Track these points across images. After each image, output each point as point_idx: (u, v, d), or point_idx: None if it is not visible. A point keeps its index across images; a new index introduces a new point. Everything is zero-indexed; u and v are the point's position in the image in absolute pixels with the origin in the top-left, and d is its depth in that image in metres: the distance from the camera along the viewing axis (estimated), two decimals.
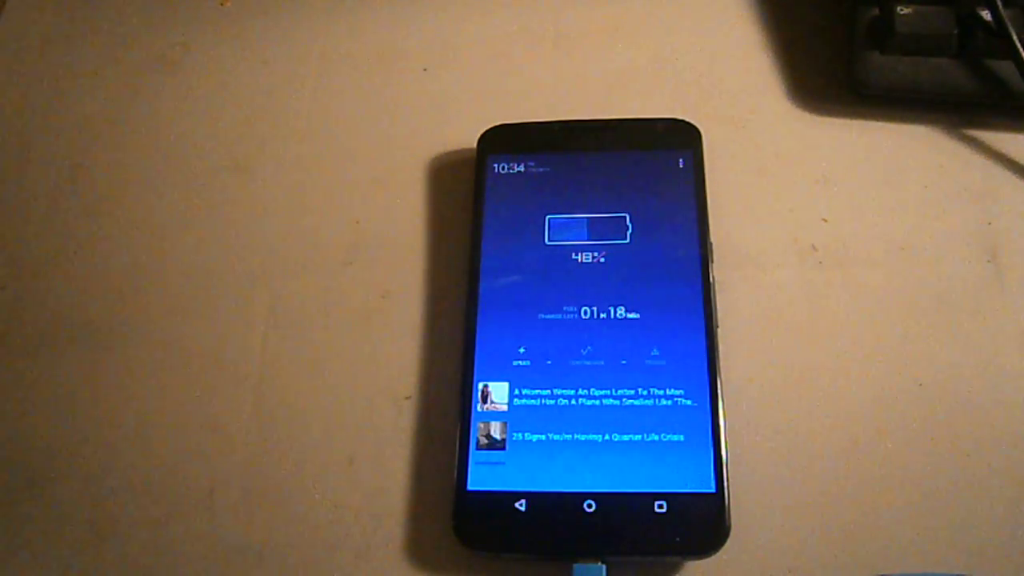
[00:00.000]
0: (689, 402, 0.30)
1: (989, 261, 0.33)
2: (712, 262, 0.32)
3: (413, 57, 0.40)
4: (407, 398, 0.33)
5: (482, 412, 0.30)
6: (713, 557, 0.28)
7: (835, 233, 0.34)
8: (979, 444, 0.30)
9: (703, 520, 0.28)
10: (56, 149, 0.40)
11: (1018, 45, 0.33)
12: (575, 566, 0.28)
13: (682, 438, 0.29)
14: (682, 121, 0.35)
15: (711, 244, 0.33)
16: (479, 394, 0.31)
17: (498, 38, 0.40)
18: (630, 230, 0.33)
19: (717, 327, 0.31)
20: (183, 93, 0.41)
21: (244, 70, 0.41)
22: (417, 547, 0.30)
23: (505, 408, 0.30)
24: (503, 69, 0.40)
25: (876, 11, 0.36)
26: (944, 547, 0.29)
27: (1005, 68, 0.34)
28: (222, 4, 0.43)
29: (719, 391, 0.30)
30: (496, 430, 0.30)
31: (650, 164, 0.35)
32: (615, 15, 0.41)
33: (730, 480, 0.29)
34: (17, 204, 0.39)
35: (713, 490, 0.28)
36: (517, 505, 0.29)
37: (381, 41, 0.41)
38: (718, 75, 0.38)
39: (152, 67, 0.41)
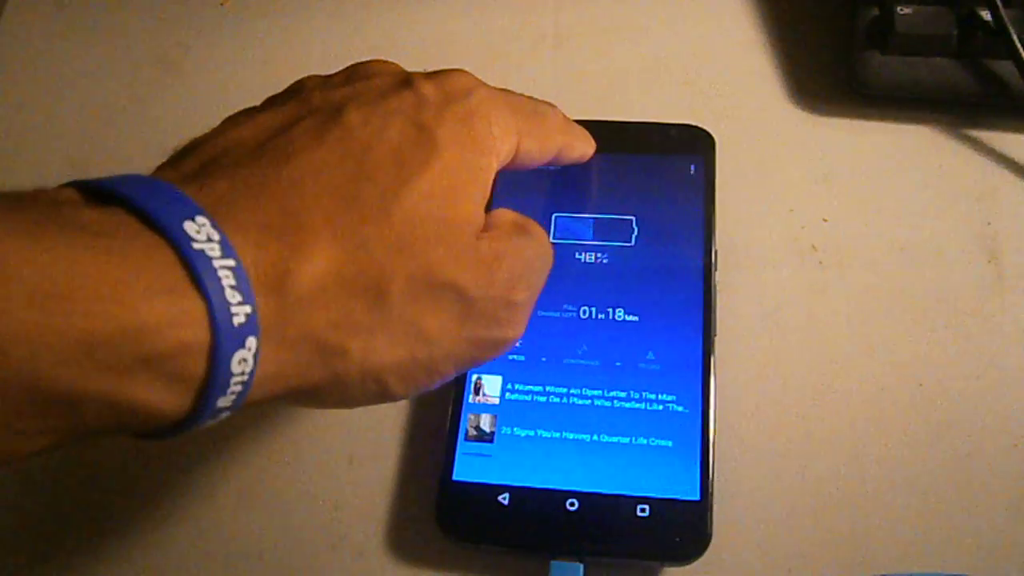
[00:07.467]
0: (680, 408, 0.30)
1: (989, 261, 0.33)
2: (716, 270, 0.32)
3: (412, 57, 0.40)
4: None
5: (473, 404, 0.30)
6: (692, 565, 0.28)
7: (835, 233, 0.34)
8: (979, 444, 0.30)
9: (685, 527, 0.28)
10: (56, 149, 0.40)
11: (1018, 45, 0.33)
12: (553, 563, 0.28)
13: (670, 444, 0.29)
14: (696, 127, 0.35)
15: (716, 252, 0.32)
16: (471, 386, 0.31)
17: (498, 38, 0.40)
18: (635, 233, 0.33)
19: (715, 335, 0.31)
20: (183, 93, 0.41)
21: (244, 70, 0.41)
22: (402, 538, 0.30)
23: (496, 401, 0.30)
24: (503, 69, 0.40)
25: (876, 11, 0.36)
26: (944, 547, 0.28)
27: (1005, 68, 0.34)
28: (222, 4, 0.43)
29: (711, 399, 0.29)
30: (486, 422, 0.30)
31: (661, 168, 0.34)
32: (615, 15, 0.41)
33: (717, 488, 0.28)
34: None
35: (698, 498, 0.28)
36: (500, 498, 0.29)
37: (381, 41, 0.41)
38: (718, 75, 0.38)
39: (152, 67, 0.42)
